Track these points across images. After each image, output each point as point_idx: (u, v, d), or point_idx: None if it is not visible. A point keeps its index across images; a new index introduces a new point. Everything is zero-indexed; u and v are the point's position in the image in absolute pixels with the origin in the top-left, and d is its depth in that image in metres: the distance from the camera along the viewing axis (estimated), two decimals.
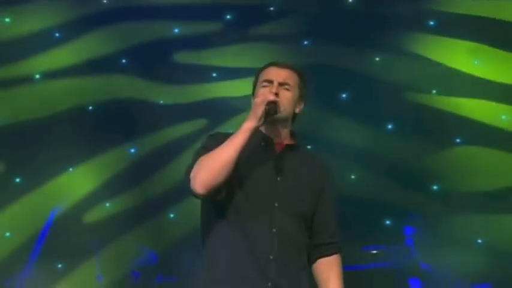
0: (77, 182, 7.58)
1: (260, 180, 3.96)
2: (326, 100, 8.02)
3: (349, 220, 6.29)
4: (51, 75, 7.92)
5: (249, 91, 5.42)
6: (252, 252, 3.93)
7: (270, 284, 3.85)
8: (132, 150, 7.97)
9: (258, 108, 3.84)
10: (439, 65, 8.38)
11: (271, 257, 3.88)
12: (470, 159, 7.94)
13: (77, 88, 7.93)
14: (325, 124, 8.03)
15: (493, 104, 8.37)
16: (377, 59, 8.43)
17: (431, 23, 8.57)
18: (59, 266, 7.24)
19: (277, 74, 4.01)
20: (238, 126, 5.35)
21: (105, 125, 7.88)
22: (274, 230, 3.91)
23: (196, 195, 3.75)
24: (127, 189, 7.67)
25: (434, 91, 8.40)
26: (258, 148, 3.96)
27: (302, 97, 4.06)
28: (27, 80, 7.92)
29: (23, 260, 7.31)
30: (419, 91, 8.37)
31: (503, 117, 8.32)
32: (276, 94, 3.87)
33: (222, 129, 7.38)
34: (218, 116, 7.91)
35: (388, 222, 7.67)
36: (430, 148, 8.01)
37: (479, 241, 7.19)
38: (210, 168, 3.81)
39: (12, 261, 7.18)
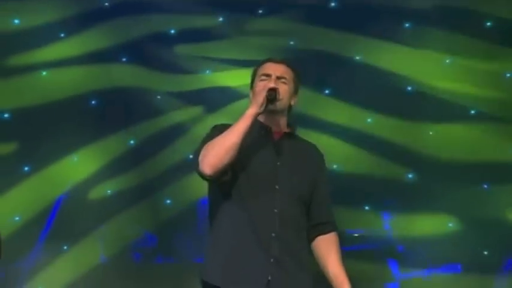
0: (80, 170, 7.56)
1: (261, 165, 4.13)
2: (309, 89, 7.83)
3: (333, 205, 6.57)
4: (57, 65, 7.97)
5: (243, 81, 5.55)
6: (255, 230, 4.07)
7: (272, 260, 3.98)
8: (132, 142, 7.90)
9: (259, 95, 4.04)
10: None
11: (273, 235, 4.02)
12: (445, 142, 8.03)
13: (80, 78, 7.99)
14: (307, 114, 7.89)
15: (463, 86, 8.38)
16: (357, 58, 8.32)
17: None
18: (65, 247, 7.25)
19: (274, 69, 4.21)
20: (233, 114, 5.51)
21: (106, 114, 7.97)
22: (275, 211, 4.04)
23: (204, 177, 3.95)
24: (127, 177, 7.68)
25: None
26: (258, 136, 4.13)
27: (296, 90, 4.28)
28: (34, 69, 7.97)
29: (31, 242, 7.36)
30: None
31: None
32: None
33: (217, 116, 7.62)
34: (213, 104, 7.98)
35: (367, 207, 7.69)
36: (407, 137, 8.06)
37: (450, 225, 7.31)
38: (216, 152, 3.96)
39: (21, 243, 7.15)
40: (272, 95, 4.09)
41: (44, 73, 7.91)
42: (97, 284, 7.28)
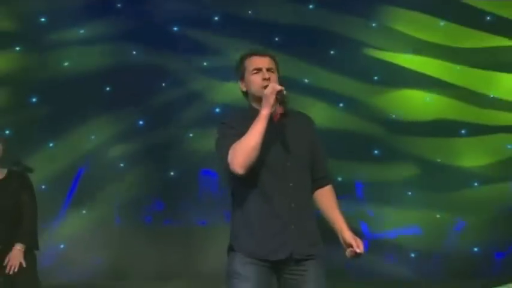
0: (98, 146, 7.72)
1: (272, 148, 4.21)
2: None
3: None
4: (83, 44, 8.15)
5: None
6: (275, 206, 4.17)
7: (293, 226, 4.10)
8: (141, 122, 8.13)
9: (270, 97, 4.07)
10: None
11: (292, 205, 4.12)
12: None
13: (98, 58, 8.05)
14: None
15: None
16: (332, 52, 8.54)
17: None
18: (83, 211, 7.47)
19: (263, 62, 4.24)
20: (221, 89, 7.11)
21: (118, 93, 7.99)
22: (290, 185, 4.15)
23: (236, 174, 4.05)
24: (137, 153, 7.83)
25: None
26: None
27: (279, 76, 4.32)
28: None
29: (56, 208, 7.48)
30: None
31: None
32: (268, 78, 4.15)
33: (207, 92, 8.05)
34: (209, 84, 8.09)
35: (340, 179, 7.78)
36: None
37: (409, 193, 7.57)
38: (243, 153, 4.08)
39: (47, 209, 6.96)
40: (282, 98, 4.13)
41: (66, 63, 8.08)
42: (112, 242, 7.43)
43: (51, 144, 7.61)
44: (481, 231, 7.55)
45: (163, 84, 8.27)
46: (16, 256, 5.42)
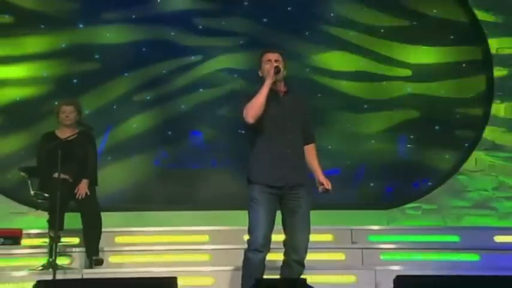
0: (120, 116, 7.47)
1: (277, 112, 4.63)
2: None
3: None
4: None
5: None
6: (279, 150, 4.60)
7: (288, 163, 4.55)
8: (148, 97, 7.61)
9: (271, 70, 4.57)
10: None
11: (288, 151, 4.59)
12: None
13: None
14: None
15: None
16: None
17: None
18: (109, 158, 7.22)
19: (272, 56, 4.69)
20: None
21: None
22: (289, 137, 4.63)
23: (248, 124, 4.52)
24: (145, 118, 7.58)
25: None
26: (271, 96, 4.57)
27: (285, 66, 4.68)
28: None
29: None
30: None
31: None
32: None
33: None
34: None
35: None
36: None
37: (329, 147, 7.25)
38: (252, 108, 4.52)
39: None
40: (278, 68, 4.58)
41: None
42: (134, 178, 7.36)
43: (86, 111, 7.01)
44: (377, 172, 7.47)
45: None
46: (83, 187, 5.84)
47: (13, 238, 4.39)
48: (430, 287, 3.90)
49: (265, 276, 4.58)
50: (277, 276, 4.63)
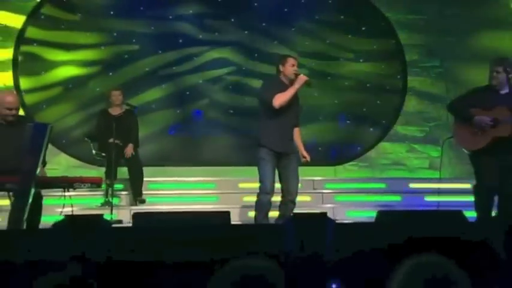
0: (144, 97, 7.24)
1: (292, 101, 4.70)
2: None
3: None
4: None
5: None
6: (283, 127, 4.74)
7: (286, 137, 4.79)
8: (163, 86, 7.41)
9: (302, 81, 4.62)
10: None
11: (289, 129, 4.79)
12: None
13: None
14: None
15: None
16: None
17: None
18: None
19: (294, 62, 4.72)
20: None
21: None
22: (290, 119, 4.79)
23: (273, 107, 4.58)
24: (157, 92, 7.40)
25: None
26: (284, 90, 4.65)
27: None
28: None
29: None
30: None
31: None
32: (296, 71, 4.64)
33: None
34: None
35: None
36: None
37: None
38: (282, 100, 4.60)
39: None
40: (309, 83, 4.67)
41: None
42: (155, 147, 7.21)
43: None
44: (325, 141, 7.35)
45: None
46: (129, 149, 6.08)
47: (96, 183, 4.56)
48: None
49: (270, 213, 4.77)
50: (277, 212, 4.79)
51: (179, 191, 6.56)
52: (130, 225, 3.08)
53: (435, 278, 1.63)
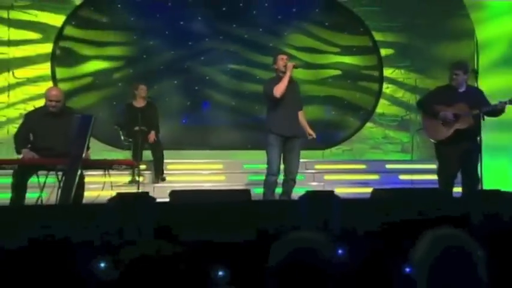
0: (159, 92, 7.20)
1: (289, 91, 4.75)
2: None
3: None
4: None
5: None
6: (287, 112, 4.78)
7: (292, 122, 4.80)
8: (176, 82, 7.45)
9: (290, 67, 4.71)
10: None
11: (292, 114, 4.82)
12: None
13: None
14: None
15: None
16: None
17: None
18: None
19: (284, 56, 4.82)
20: None
21: None
22: (293, 106, 4.86)
23: (275, 98, 4.64)
24: (177, 88, 7.45)
25: None
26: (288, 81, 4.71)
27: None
28: None
29: None
30: None
31: None
32: (285, 64, 4.71)
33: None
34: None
35: None
36: None
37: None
38: (280, 90, 4.66)
39: None
40: (296, 66, 4.82)
41: None
42: (172, 134, 7.06)
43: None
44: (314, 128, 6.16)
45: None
46: (152, 135, 6.15)
47: (130, 165, 4.64)
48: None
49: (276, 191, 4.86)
50: (280, 189, 4.86)
51: (192, 171, 6.73)
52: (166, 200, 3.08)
53: (453, 248, 1.46)
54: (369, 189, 4.82)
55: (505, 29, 6.48)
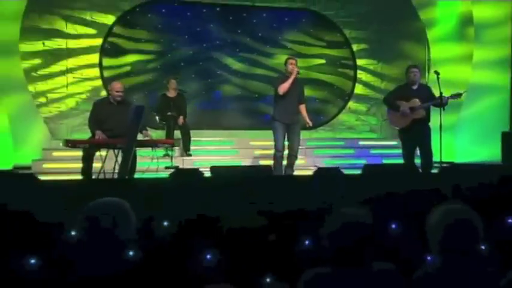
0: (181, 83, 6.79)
1: (292, 88, 4.76)
2: None
3: None
4: None
5: None
6: (289, 104, 4.78)
7: (292, 112, 4.82)
8: (193, 76, 7.32)
9: (295, 73, 4.69)
10: None
11: (293, 106, 4.80)
12: None
13: None
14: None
15: None
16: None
17: None
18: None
19: (294, 61, 4.76)
20: None
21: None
22: (294, 99, 4.83)
23: (280, 95, 4.67)
24: (194, 84, 7.27)
25: None
26: (292, 81, 4.72)
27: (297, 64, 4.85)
28: None
29: None
30: None
31: None
32: (293, 68, 4.73)
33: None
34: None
35: None
36: None
37: None
38: (284, 88, 4.68)
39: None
40: (299, 73, 4.76)
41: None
42: (190, 118, 6.64)
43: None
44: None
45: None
46: (181, 119, 6.14)
47: (171, 144, 4.72)
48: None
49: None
50: (285, 162, 4.88)
51: (209, 147, 6.83)
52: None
53: (461, 222, 1.49)
54: (348, 161, 5.83)
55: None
